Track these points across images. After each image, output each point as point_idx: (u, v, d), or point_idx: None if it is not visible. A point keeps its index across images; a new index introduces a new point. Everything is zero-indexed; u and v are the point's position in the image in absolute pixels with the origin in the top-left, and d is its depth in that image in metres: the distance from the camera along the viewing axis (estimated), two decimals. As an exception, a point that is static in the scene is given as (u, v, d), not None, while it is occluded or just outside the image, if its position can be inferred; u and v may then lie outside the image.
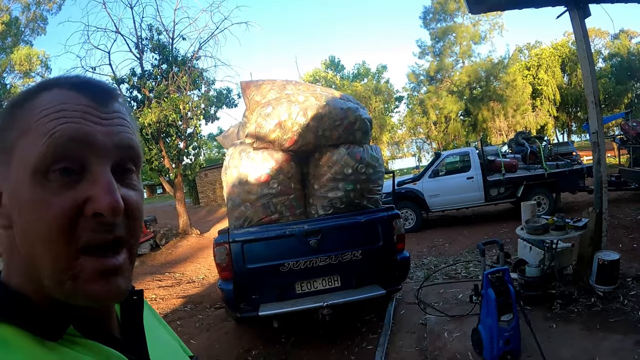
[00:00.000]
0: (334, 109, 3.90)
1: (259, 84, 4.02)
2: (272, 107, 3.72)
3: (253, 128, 3.70)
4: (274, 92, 3.91)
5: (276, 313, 3.59)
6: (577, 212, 9.25)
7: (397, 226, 4.05)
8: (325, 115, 3.82)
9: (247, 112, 3.98)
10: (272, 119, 3.68)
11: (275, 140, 3.75)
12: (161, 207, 19.99)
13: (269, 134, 3.69)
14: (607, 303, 3.84)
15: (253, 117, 3.73)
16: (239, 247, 3.65)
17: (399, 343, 3.84)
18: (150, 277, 7.89)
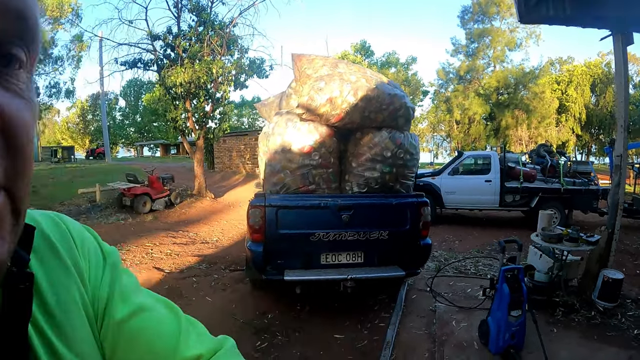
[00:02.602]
0: (382, 93, 3.99)
1: (312, 58, 4.11)
2: (325, 82, 3.82)
3: (305, 100, 3.80)
4: (327, 68, 4.00)
5: (301, 279, 3.76)
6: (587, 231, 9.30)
7: (425, 213, 4.18)
8: (373, 97, 3.92)
9: (296, 83, 4.08)
10: (324, 93, 3.79)
11: (324, 114, 3.85)
12: (174, 167, 20.14)
13: (319, 107, 3.80)
14: (606, 318, 4.01)
15: (305, 89, 3.82)
16: (273, 212, 3.79)
17: (409, 324, 3.99)
18: (164, 233, 8.09)
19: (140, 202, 10.01)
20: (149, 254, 6.42)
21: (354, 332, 3.87)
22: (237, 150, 20.70)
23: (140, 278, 4.98)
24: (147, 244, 7.02)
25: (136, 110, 49.31)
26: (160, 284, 5.06)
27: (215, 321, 3.98)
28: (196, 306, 4.41)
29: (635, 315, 4.10)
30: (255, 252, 3.77)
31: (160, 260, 6.10)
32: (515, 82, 26.15)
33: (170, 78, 10.32)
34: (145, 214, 10.03)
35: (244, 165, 20.41)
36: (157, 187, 10.58)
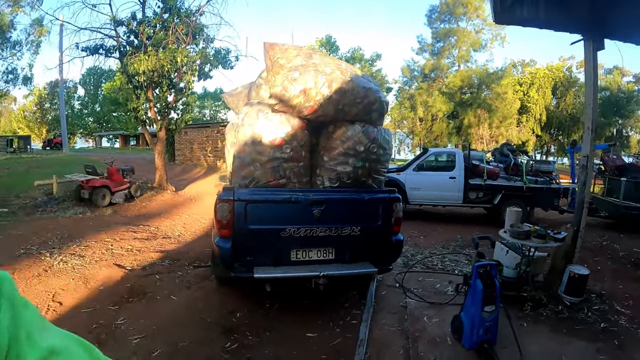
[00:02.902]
0: (357, 86, 3.90)
1: (285, 48, 3.95)
2: (300, 73, 3.67)
3: (279, 90, 3.64)
4: (300, 58, 3.85)
5: (272, 277, 3.61)
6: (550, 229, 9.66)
7: (397, 209, 4.13)
8: (348, 90, 3.82)
9: (268, 73, 3.92)
10: (299, 84, 3.64)
11: (297, 105, 3.71)
12: (134, 159, 19.34)
13: (292, 98, 3.65)
14: (573, 312, 4.18)
15: (279, 79, 3.66)
16: (242, 206, 3.62)
17: (381, 321, 3.97)
18: (124, 228, 7.70)
19: (99, 195, 9.53)
20: (109, 250, 6.08)
21: (327, 330, 3.78)
22: (199, 143, 20.19)
23: (100, 275, 4.66)
24: (106, 240, 6.64)
25: (95, 99, 47.22)
26: (122, 282, 4.79)
27: (182, 321, 3.81)
28: (161, 305, 4.19)
29: (600, 309, 4.33)
30: (223, 248, 3.58)
31: (121, 257, 5.78)
32: (478, 82, 26.91)
33: (133, 65, 9.81)
34: (105, 207, 9.58)
35: (206, 158, 19.96)
36: (117, 180, 10.09)
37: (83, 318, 3.79)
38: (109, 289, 4.55)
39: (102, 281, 4.74)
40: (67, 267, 5.13)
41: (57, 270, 5.00)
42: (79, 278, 4.79)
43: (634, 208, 9.57)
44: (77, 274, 4.90)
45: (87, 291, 4.45)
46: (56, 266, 5.13)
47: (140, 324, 3.68)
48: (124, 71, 10.70)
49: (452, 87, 26.73)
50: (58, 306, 4.03)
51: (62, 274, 4.90)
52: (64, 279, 4.73)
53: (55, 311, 3.92)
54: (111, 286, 4.64)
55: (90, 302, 4.17)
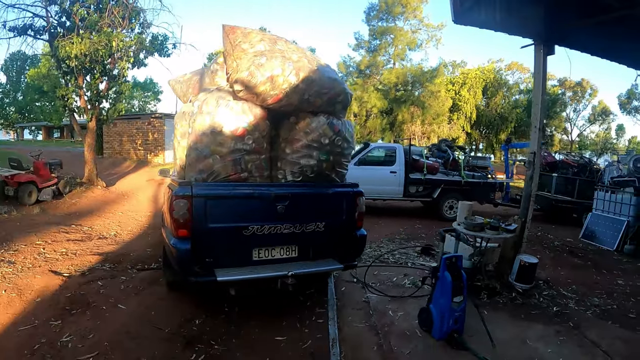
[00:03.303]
0: (324, 76, 3.75)
1: (247, 32, 3.67)
2: (267, 58, 3.43)
3: (245, 75, 3.36)
4: (265, 43, 3.61)
5: (238, 279, 3.36)
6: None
7: (360, 203, 4.08)
8: (315, 80, 3.65)
9: (228, 57, 3.62)
10: (266, 70, 3.39)
11: (262, 93, 3.47)
12: (59, 152, 17.49)
13: (259, 85, 3.40)
14: (526, 298, 4.42)
15: (244, 63, 3.38)
16: (202, 203, 3.33)
17: (347, 318, 3.90)
18: (55, 228, 6.90)
19: (26, 192, 8.54)
20: (42, 254, 5.38)
21: (295, 331, 3.63)
22: (129, 135, 19.05)
23: (35, 285, 4.03)
24: (37, 242, 5.89)
25: (18, 87, 42.38)
26: (60, 292, 4.19)
27: (136, 334, 3.38)
28: (109, 316, 3.70)
29: (549, 294, 4.63)
30: (181, 250, 3.26)
31: (56, 262, 5.13)
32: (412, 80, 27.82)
33: (64, 49, 8.79)
34: (31, 205, 8.62)
35: (136, 152, 18.95)
36: (44, 175, 9.08)
37: (22, 337, 3.24)
38: (47, 301, 3.95)
39: (38, 291, 4.12)
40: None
41: None
42: (11, 289, 4.11)
43: (563, 201, 10.44)
44: (9, 285, 4.22)
45: (22, 304, 3.83)
46: None
47: (89, 340, 3.23)
48: (54, 55, 9.58)
49: (387, 83, 27.34)
50: None
51: None
52: None
53: None
54: (49, 297, 4.04)
55: (28, 317, 3.58)
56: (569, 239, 8.15)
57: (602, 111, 42.50)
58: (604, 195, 8.42)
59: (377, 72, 29.12)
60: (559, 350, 3.33)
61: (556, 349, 3.36)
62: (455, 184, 10.37)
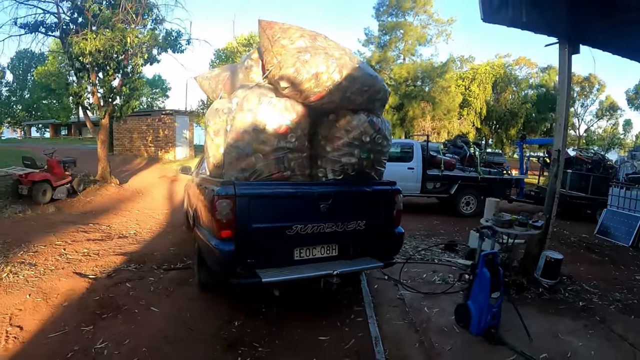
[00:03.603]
0: (365, 74, 3.67)
1: (286, 27, 3.58)
2: (310, 55, 3.34)
3: (291, 71, 3.28)
4: (305, 40, 3.52)
5: (283, 279, 3.28)
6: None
7: (398, 201, 4.04)
8: (357, 77, 3.57)
9: (266, 53, 3.52)
10: (311, 67, 3.31)
11: (306, 90, 3.38)
12: (68, 149, 17.47)
13: (304, 82, 3.32)
14: (552, 294, 4.51)
15: (289, 59, 3.30)
16: (245, 203, 3.25)
17: (385, 316, 3.89)
18: (73, 227, 6.81)
19: (40, 191, 8.36)
20: (63, 255, 5.29)
21: (336, 330, 3.57)
22: (139, 132, 18.90)
23: (61, 288, 3.93)
24: (57, 243, 5.79)
25: (25, 85, 42.15)
26: (88, 295, 4.06)
27: (173, 337, 3.30)
28: (143, 320, 3.58)
29: (574, 289, 4.73)
30: (225, 252, 3.17)
31: (80, 263, 5.03)
32: (423, 76, 27.66)
33: (78, 45, 8.67)
34: (46, 204, 8.44)
35: (146, 148, 18.82)
36: (58, 173, 8.94)
37: (53, 345, 3.10)
38: (75, 305, 3.82)
39: (64, 295, 4.00)
40: (19, 280, 4.31)
41: (7, 285, 4.18)
42: (36, 293, 4.00)
43: (578, 197, 10.35)
44: (34, 288, 4.10)
45: (49, 309, 3.70)
46: (5, 280, 4.30)
47: (125, 347, 3.11)
48: (67, 51, 9.46)
49: (398, 79, 27.20)
50: (19, 332, 3.27)
51: (15, 289, 4.09)
52: (18, 295, 3.93)
53: (17, 338, 3.17)
54: (77, 300, 3.92)
55: (57, 322, 3.44)
56: (585, 235, 8.12)
57: (610, 106, 42.23)
58: (619, 192, 8.40)
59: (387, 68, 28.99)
60: (589, 344, 3.42)
61: (586, 342, 3.45)
62: (472, 180, 10.31)
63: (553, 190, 5.06)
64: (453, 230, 8.40)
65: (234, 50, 29.59)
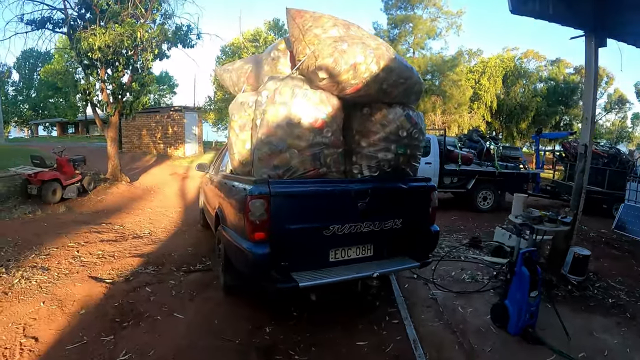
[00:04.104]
0: (402, 65, 3.46)
1: (318, 16, 3.36)
2: (348, 44, 3.10)
3: (330, 61, 3.05)
4: (338, 29, 3.30)
5: (321, 283, 3.09)
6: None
7: (434, 198, 3.85)
8: (394, 69, 3.35)
9: (297, 43, 3.28)
10: (349, 57, 3.09)
11: (342, 82, 3.16)
12: (75, 147, 17.25)
13: (342, 73, 3.09)
14: (581, 290, 4.46)
15: (326, 49, 3.07)
16: (280, 202, 3.04)
17: (420, 317, 3.76)
18: (85, 228, 6.61)
19: (50, 190, 8.17)
20: (77, 258, 5.07)
21: (373, 335, 3.39)
22: (148, 129, 18.80)
23: (77, 294, 3.57)
24: (70, 244, 5.58)
25: (31, 84, 42.15)
26: (106, 301, 3.83)
27: (203, 347, 3.09)
28: (167, 327, 3.36)
29: (602, 286, 4.68)
30: (259, 255, 2.97)
31: (95, 266, 4.81)
32: (433, 69, 27.26)
33: (87, 41, 8.45)
34: (56, 203, 8.28)
35: (155, 145, 18.72)
36: (68, 172, 8.77)
37: (72, 357, 2.89)
38: (92, 312, 3.57)
39: (81, 302, 3.77)
40: (31, 286, 4.09)
41: (19, 291, 3.95)
42: (51, 300, 3.77)
43: (594, 192, 10.09)
44: (48, 295, 3.88)
45: (66, 318, 3.46)
46: (17, 286, 4.07)
47: (151, 358, 2.91)
48: (75, 48, 9.24)
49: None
50: (34, 344, 3.04)
51: (28, 296, 3.86)
52: (31, 303, 3.70)
53: (32, 351, 2.94)
54: (94, 307, 3.68)
55: (75, 333, 3.22)
56: (603, 230, 7.98)
57: (619, 100, 41.56)
58: (637, 187, 8.29)
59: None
60: (624, 342, 3.39)
61: (621, 340, 3.42)
62: (489, 174, 10.11)
63: (580, 185, 4.99)
64: (473, 226, 8.22)
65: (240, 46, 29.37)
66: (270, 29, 33.98)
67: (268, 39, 31.09)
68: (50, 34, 10.26)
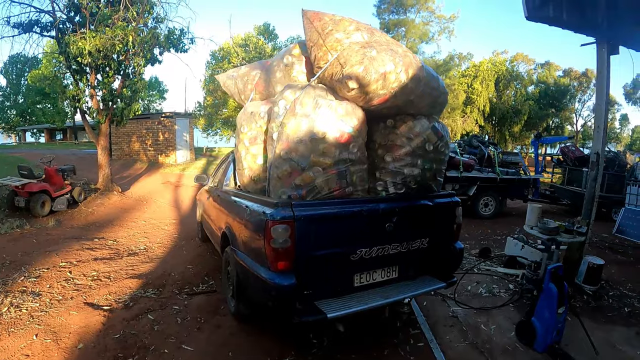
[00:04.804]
0: (429, 74, 3.20)
1: (338, 19, 3.09)
2: (377, 51, 2.81)
3: (360, 70, 2.76)
4: (362, 34, 3.03)
5: (350, 312, 2.80)
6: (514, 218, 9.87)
7: (458, 214, 3.61)
8: (422, 78, 3.09)
9: (317, 48, 3.00)
10: (379, 66, 2.81)
11: (370, 92, 2.88)
12: (64, 155, 16.57)
13: (372, 82, 2.80)
14: (596, 300, 4.43)
15: (355, 56, 2.79)
16: (306, 227, 2.73)
17: (445, 337, 3.55)
18: (77, 244, 6.19)
19: (38, 203, 7.71)
20: (70, 281, 4.65)
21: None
22: (138, 136, 18.26)
23: (73, 325, 3.05)
24: (61, 264, 5.16)
25: (18, 90, 40.86)
26: (106, 332, 3.46)
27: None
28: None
29: (616, 294, 4.64)
30: (284, 287, 2.66)
31: (90, 290, 4.40)
32: (426, 74, 27.02)
33: (76, 44, 8.03)
34: (45, 216, 7.82)
35: (146, 153, 18.20)
36: (57, 182, 8.31)
37: None
38: (91, 347, 3.21)
39: (78, 334, 3.39)
40: (22, 315, 3.69)
41: (9, 322, 3.56)
42: (44, 332, 3.38)
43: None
44: (41, 326, 3.48)
45: (62, 354, 3.06)
46: (7, 315, 3.68)
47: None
48: (64, 52, 8.82)
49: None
50: None
51: (19, 327, 3.48)
52: (23, 336, 3.32)
53: None
54: (93, 340, 3.30)
55: None
56: (604, 235, 7.96)
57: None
58: (637, 190, 8.21)
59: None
60: None
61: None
62: (490, 181, 9.99)
63: (592, 194, 4.94)
64: (477, 234, 8.09)
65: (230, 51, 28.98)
66: (260, 33, 33.69)
67: (259, 44, 30.80)
68: (38, 38, 9.81)
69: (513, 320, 3.79)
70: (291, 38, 35.06)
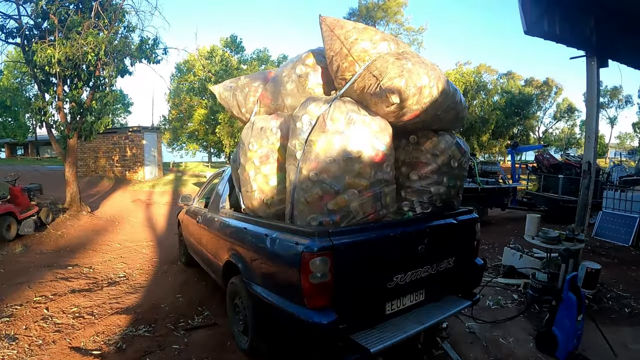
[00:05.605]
0: (452, 89, 3.05)
1: (362, 27, 2.87)
2: (412, 63, 2.62)
3: (402, 83, 2.54)
4: (389, 44, 2.83)
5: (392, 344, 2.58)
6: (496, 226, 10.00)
7: (477, 230, 3.52)
8: (448, 93, 2.94)
9: (342, 58, 2.75)
10: (415, 79, 2.63)
11: (406, 107, 2.68)
12: (26, 172, 15.28)
13: (410, 97, 2.60)
14: (597, 303, 4.53)
15: (392, 68, 2.57)
16: (346, 257, 2.47)
17: (470, 355, 3.43)
18: (50, 273, 5.57)
19: (4, 226, 7.00)
20: (49, 320, 4.09)
21: None
22: (104, 151, 17.47)
23: None
24: (35, 298, 4.63)
25: None
26: None
27: None
28: None
29: (613, 296, 4.79)
30: (324, 325, 2.36)
31: (74, 331, 3.85)
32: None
33: (44, 52, 7.43)
34: (11, 241, 7.11)
35: (113, 169, 17.46)
36: (23, 203, 7.62)
37: None
38: None
39: None
40: None
41: None
42: None
43: (569, 201, 10.36)
44: None
45: None
46: None
47: None
48: (29, 61, 8.15)
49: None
50: None
51: None
52: None
53: None
54: None
55: None
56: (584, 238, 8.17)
57: (568, 108, 44.66)
58: (614, 194, 8.65)
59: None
60: None
61: None
62: (472, 190, 10.04)
63: (584, 202, 5.14)
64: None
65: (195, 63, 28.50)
66: (227, 45, 33.29)
67: (225, 55, 30.39)
68: (2, 45, 9.13)
69: (528, 331, 3.84)
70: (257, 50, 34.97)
